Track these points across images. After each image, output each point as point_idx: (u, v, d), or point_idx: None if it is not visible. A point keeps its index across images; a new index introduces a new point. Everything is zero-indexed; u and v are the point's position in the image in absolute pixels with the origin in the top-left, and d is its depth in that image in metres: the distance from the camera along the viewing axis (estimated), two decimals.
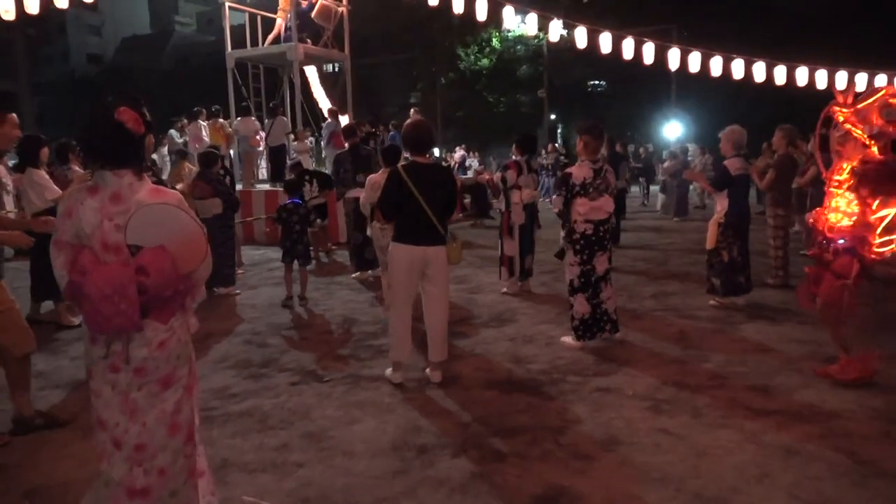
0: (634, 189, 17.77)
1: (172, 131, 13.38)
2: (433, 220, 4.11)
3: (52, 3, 9.92)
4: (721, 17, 24.47)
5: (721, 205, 5.98)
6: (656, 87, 27.03)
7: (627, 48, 10.75)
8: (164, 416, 2.29)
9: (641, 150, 18.78)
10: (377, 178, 5.88)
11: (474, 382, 4.29)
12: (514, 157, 6.89)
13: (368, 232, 6.29)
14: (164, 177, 11.69)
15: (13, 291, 3.75)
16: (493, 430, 3.55)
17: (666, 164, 14.74)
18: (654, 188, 18.04)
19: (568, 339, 5.09)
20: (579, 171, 4.90)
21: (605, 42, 10.85)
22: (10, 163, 8.17)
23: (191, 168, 8.72)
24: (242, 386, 4.34)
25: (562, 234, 5.21)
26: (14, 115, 4.23)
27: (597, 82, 34.22)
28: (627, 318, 5.34)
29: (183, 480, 2.35)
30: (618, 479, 2.99)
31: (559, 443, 3.38)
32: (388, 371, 4.38)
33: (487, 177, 7.04)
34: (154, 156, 13.41)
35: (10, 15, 9.73)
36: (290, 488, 2.99)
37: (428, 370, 4.41)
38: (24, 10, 9.72)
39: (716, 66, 10.07)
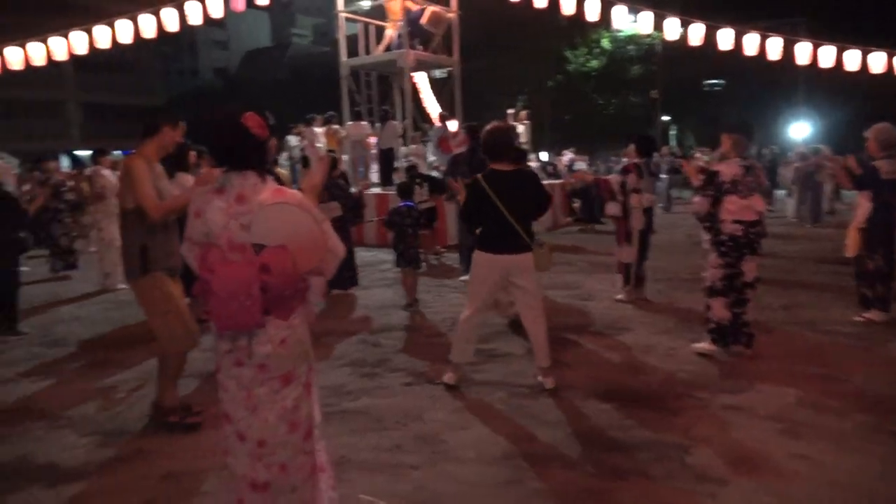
0: None
1: (290, 137, 14.02)
2: (516, 227, 4.02)
3: (187, 20, 10.73)
4: (855, 8, 22.57)
5: (863, 209, 5.46)
6: (778, 85, 25.33)
7: (750, 44, 10.11)
8: (284, 412, 2.33)
9: (765, 151, 17.61)
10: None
11: (590, 393, 4.13)
12: (631, 160, 6.62)
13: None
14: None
15: None
16: (611, 445, 3.39)
17: (796, 166, 13.73)
18: (778, 192, 16.87)
19: (702, 345, 4.82)
20: (728, 169, 4.61)
21: (725, 38, 10.27)
22: (108, 171, 8.90)
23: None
24: (357, 384, 4.41)
25: (704, 236, 4.91)
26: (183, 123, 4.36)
27: (713, 81, 32.58)
28: (756, 331, 4.96)
29: (303, 477, 2.38)
30: None
31: (685, 462, 3.17)
32: (446, 375, 4.33)
33: (590, 178, 6.77)
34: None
35: (151, 33, 10.63)
36: (405, 491, 2.98)
37: (539, 377, 4.30)
38: (163, 28, 10.61)
39: (852, 60, 9.25)
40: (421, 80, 15.24)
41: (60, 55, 10.49)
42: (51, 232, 9.16)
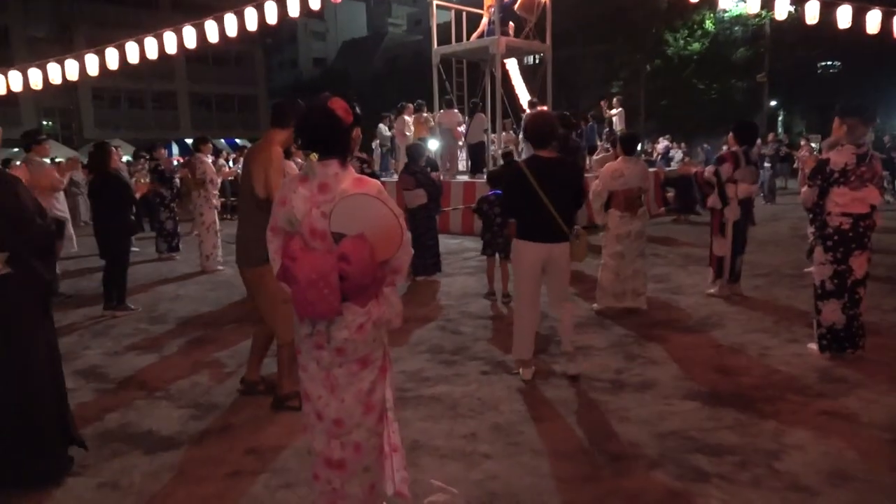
0: None
1: (381, 125, 14.27)
2: (556, 216, 3.95)
3: (286, 13, 11.14)
4: None
5: None
6: None
7: (872, 22, 9.30)
8: (360, 394, 2.39)
9: (886, 138, 16.23)
10: (615, 165, 5.76)
11: (674, 391, 3.97)
12: (730, 148, 6.25)
13: (599, 221, 6.11)
14: (377, 168, 12.58)
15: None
16: (694, 446, 3.24)
17: None
18: None
19: (813, 347, 4.56)
20: (839, 157, 4.26)
21: (844, 16, 9.49)
22: (209, 157, 9.32)
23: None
24: (435, 371, 4.45)
25: (810, 229, 4.60)
26: None
27: (828, 63, 30.29)
28: (865, 333, 4.58)
29: (374, 457, 2.44)
30: None
31: (774, 469, 2.98)
32: (520, 371, 4.28)
33: (694, 169, 6.43)
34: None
35: (252, 25, 11.11)
36: (477, 479, 2.98)
37: (564, 362, 4.34)
38: (264, 21, 11.06)
39: None
40: (512, 66, 15.09)
41: (171, 49, 11.13)
42: (158, 216, 9.80)
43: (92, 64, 10.91)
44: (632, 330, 5.27)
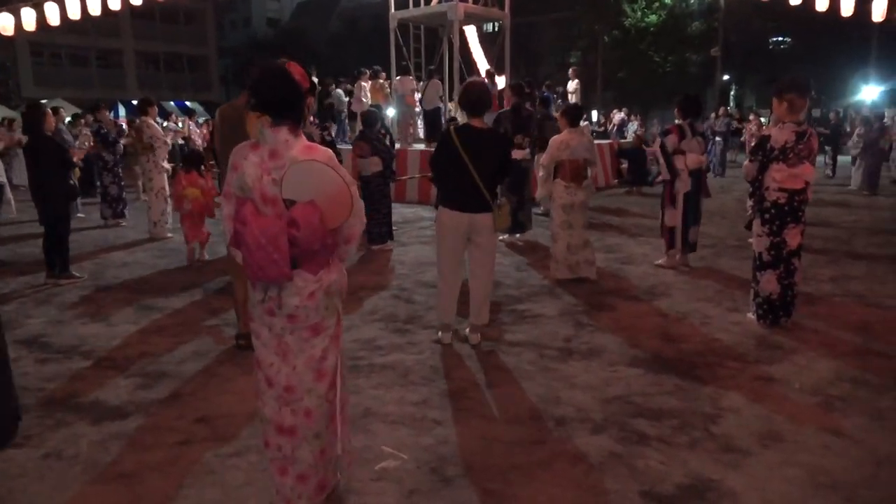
0: (819, 159, 15.97)
1: (339, 90, 14.00)
2: (480, 186, 4.01)
3: None
4: None
5: None
6: (851, 43, 23.89)
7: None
8: (311, 361, 2.40)
9: (832, 115, 16.77)
10: (561, 137, 5.79)
11: (619, 358, 4.10)
12: (675, 121, 6.39)
13: (541, 192, 6.16)
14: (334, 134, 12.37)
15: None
16: (636, 410, 3.36)
17: (858, 132, 13.05)
18: (842, 158, 16.12)
19: (752, 316, 4.75)
20: (780, 135, 4.41)
21: None
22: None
23: None
24: (388, 339, 4.48)
25: (749, 202, 4.77)
26: None
27: (780, 38, 30.95)
28: (800, 302, 4.80)
29: (325, 424, 2.46)
30: (777, 480, 2.71)
31: (710, 432, 3.13)
32: (439, 334, 4.41)
33: (653, 147, 6.53)
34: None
35: None
36: (427, 444, 3.04)
37: (467, 330, 4.41)
38: None
39: None
40: (470, 33, 14.94)
41: (115, 5, 10.62)
42: (102, 181, 9.47)
43: (29, 18, 10.36)
44: (582, 299, 5.40)
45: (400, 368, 3.95)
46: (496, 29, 15.28)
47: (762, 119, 19.70)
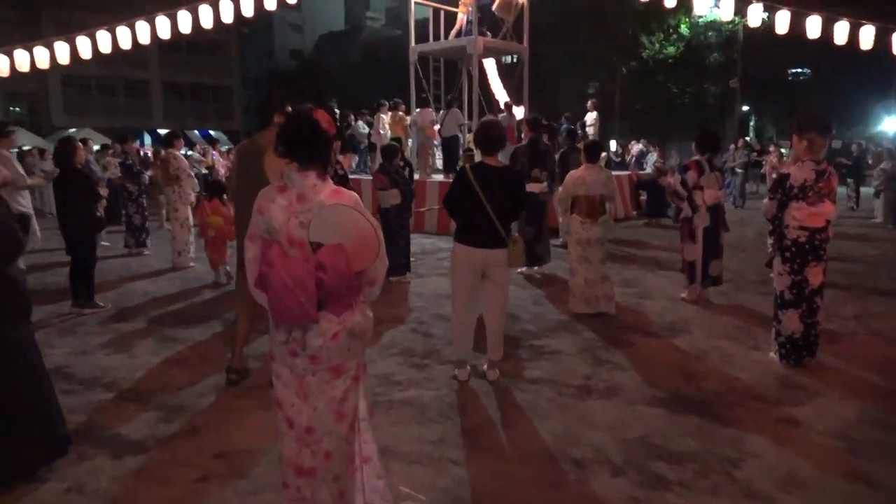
0: (841, 190, 15.83)
1: (359, 122, 14.20)
2: (495, 222, 4.05)
3: (263, 6, 11.07)
4: None
5: None
6: (871, 75, 23.80)
7: (840, 32, 9.55)
8: (332, 402, 2.42)
9: (854, 147, 16.64)
10: (578, 173, 5.86)
11: (638, 397, 4.06)
12: (692, 156, 6.41)
13: (562, 226, 6.22)
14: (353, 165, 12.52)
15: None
16: (656, 453, 3.33)
17: (883, 166, 12.94)
18: (864, 190, 15.96)
19: (774, 355, 4.69)
20: (799, 173, 4.41)
21: (813, 26, 9.73)
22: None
23: None
24: (406, 374, 4.48)
25: (769, 240, 4.76)
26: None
27: (799, 70, 30.93)
28: (823, 340, 4.74)
29: (344, 466, 2.47)
30: None
31: (732, 476, 3.08)
32: (456, 371, 4.40)
33: (670, 180, 6.54)
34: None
35: (228, 18, 11.02)
36: (445, 485, 3.02)
37: (485, 366, 4.40)
38: (240, 13, 10.98)
39: None
40: (489, 66, 15.14)
41: (144, 39, 10.96)
42: (126, 210, 9.66)
43: (62, 51, 10.68)
44: (600, 334, 5.37)
45: (417, 405, 3.95)
46: (514, 60, 15.45)
47: (782, 150, 19.61)
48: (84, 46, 10.68)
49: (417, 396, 4.08)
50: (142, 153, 18.61)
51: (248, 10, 11.04)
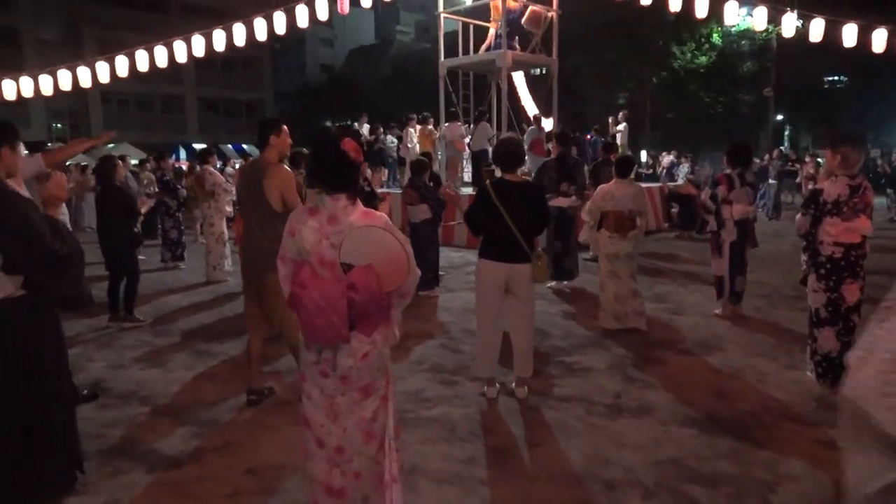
0: (880, 201, 15.41)
1: (389, 136, 14.32)
2: (518, 237, 4.05)
3: (295, 23, 11.31)
4: None
5: None
6: None
7: (878, 40, 9.36)
8: (362, 422, 2.45)
9: (895, 156, 16.24)
10: (608, 187, 5.84)
11: (671, 417, 4.00)
12: (724, 170, 6.32)
13: (581, 238, 6.21)
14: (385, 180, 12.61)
15: None
16: (690, 475, 3.27)
17: None
18: None
19: (811, 374, 4.59)
20: (832, 188, 4.32)
21: (850, 34, 9.56)
22: (217, 164, 9.44)
23: None
24: (435, 391, 4.48)
25: (803, 256, 4.67)
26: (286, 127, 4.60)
27: (835, 77, 30.32)
28: None
29: (373, 486, 2.48)
30: None
31: (768, 501, 3.01)
32: (485, 388, 4.37)
33: (702, 196, 6.44)
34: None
35: (262, 36, 11.28)
36: None
37: (513, 384, 4.36)
38: (273, 30, 11.23)
39: None
40: (518, 78, 15.15)
41: (181, 58, 11.27)
42: (163, 225, 9.88)
43: (102, 71, 11.06)
44: (631, 351, 5.31)
45: (446, 423, 3.94)
46: (543, 72, 15.44)
47: (819, 160, 19.19)
48: (123, 66, 11.06)
49: (446, 414, 4.08)
50: (177, 167, 19.02)
51: (280, 29, 11.34)
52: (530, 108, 14.86)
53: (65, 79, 11.05)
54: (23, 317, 2.86)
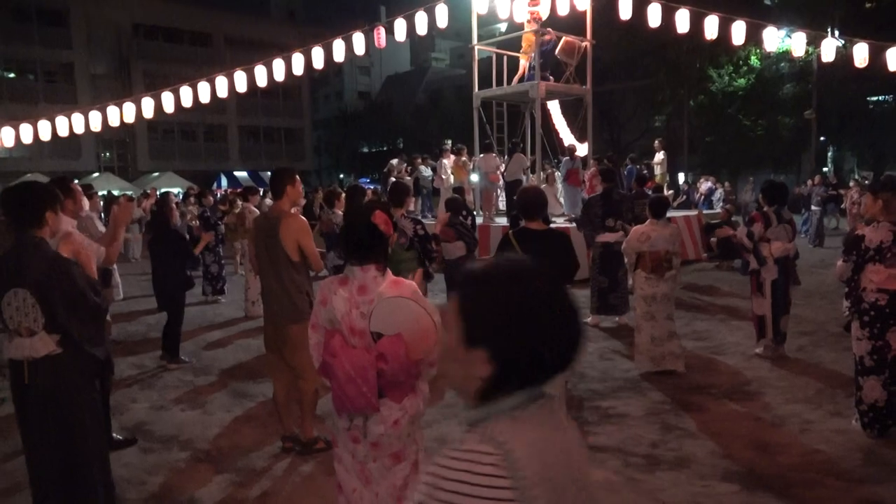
0: None
1: (424, 167, 14.47)
2: None
3: (332, 58, 11.66)
4: None
5: None
6: None
7: None
8: (393, 489, 2.47)
9: None
10: (642, 228, 5.81)
11: (710, 471, 3.90)
12: (760, 208, 6.23)
13: (630, 282, 6.18)
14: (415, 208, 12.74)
15: None
16: None
17: None
18: None
19: (856, 423, 4.44)
20: (874, 234, 4.24)
21: (894, 58, 9.36)
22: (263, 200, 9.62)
23: None
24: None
25: (845, 302, 4.56)
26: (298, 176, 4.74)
27: (880, 98, 29.50)
28: None
29: None
30: None
31: None
32: None
33: (738, 235, 6.33)
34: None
35: (299, 70, 11.64)
36: None
37: None
38: (311, 65, 11.60)
39: None
40: (553, 107, 15.19)
41: (223, 93, 11.69)
42: (204, 260, 10.12)
43: (148, 107, 11.55)
44: (669, 395, 5.21)
45: None
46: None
47: (866, 181, 18.66)
48: (168, 101, 11.55)
49: None
50: (219, 194, 19.51)
51: (318, 63, 11.71)
52: (566, 136, 14.85)
53: (113, 115, 11.55)
54: (64, 373, 2.95)
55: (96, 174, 31.12)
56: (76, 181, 7.01)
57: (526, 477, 0.99)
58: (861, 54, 9.83)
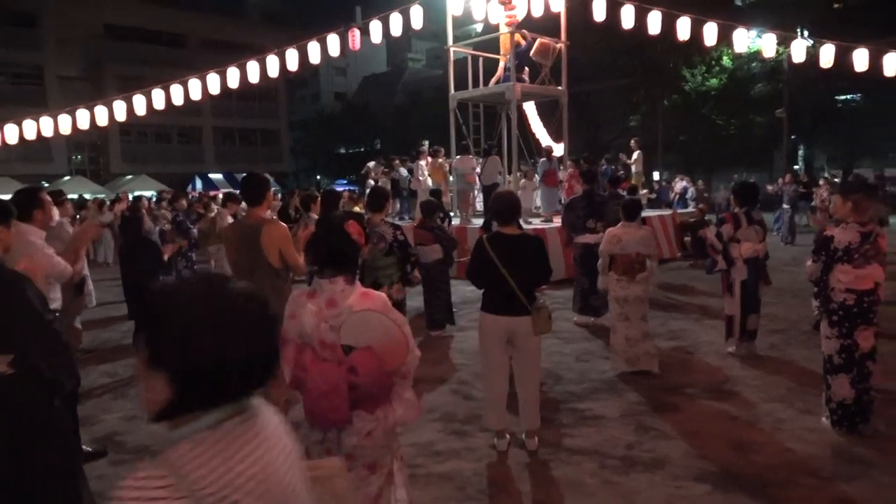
0: None
1: (402, 169, 14.43)
2: (516, 291, 4.02)
3: (307, 60, 11.59)
4: None
5: None
6: None
7: (890, 64, 9.36)
8: (367, 499, 2.45)
9: None
10: (614, 231, 5.84)
11: (685, 471, 3.94)
12: (731, 209, 6.32)
13: (600, 284, 6.22)
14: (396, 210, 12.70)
15: None
16: None
17: None
18: None
19: (826, 421, 4.52)
20: (843, 235, 4.31)
21: (861, 58, 9.56)
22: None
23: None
24: (446, 443, 4.46)
25: (815, 302, 4.63)
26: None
27: (849, 97, 30.11)
28: (881, 404, 4.52)
29: None
30: None
31: None
32: (495, 440, 4.35)
33: (708, 236, 6.42)
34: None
35: (274, 73, 11.55)
36: None
37: (524, 437, 4.33)
38: (286, 67, 11.51)
39: None
40: (529, 109, 15.25)
41: (196, 95, 11.57)
42: (176, 265, 10.00)
43: (120, 110, 11.37)
44: (645, 396, 5.25)
45: (458, 479, 3.92)
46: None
47: (836, 179, 19.02)
48: (140, 104, 11.38)
49: (457, 469, 4.05)
50: (192, 196, 19.26)
51: (293, 65, 11.63)
52: (543, 138, 14.93)
53: (83, 118, 11.34)
54: (14, 395, 2.81)
55: (68, 178, 30.56)
56: (46, 185, 6.88)
57: (203, 498, 0.99)
58: (827, 55, 10.03)
